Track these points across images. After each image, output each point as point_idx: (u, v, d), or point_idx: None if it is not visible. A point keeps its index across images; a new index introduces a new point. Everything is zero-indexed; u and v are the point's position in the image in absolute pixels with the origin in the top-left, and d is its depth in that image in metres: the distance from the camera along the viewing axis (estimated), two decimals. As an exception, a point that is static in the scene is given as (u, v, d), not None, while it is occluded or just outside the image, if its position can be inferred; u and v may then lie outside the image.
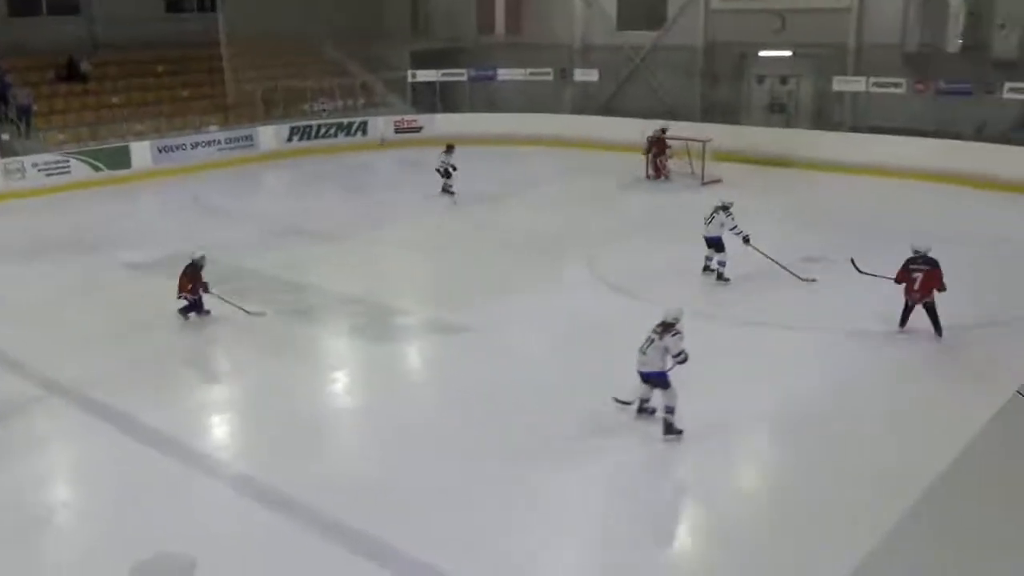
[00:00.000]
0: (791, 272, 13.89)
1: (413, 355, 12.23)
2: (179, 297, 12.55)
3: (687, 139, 22.03)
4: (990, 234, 15.74)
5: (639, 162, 22.43)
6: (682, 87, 27.41)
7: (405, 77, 29.66)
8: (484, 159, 25.63)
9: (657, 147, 22.15)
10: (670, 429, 9.04)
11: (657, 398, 9.29)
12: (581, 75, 28.82)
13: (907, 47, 23.29)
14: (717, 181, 21.64)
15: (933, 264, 11.19)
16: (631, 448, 9.05)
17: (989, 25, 22.30)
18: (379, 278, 15.02)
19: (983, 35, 22.40)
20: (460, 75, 29.65)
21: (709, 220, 14.19)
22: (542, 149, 26.46)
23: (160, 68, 26.70)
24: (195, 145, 24.83)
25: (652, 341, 9.12)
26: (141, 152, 23.70)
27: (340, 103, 28.45)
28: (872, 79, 23.28)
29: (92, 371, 11.00)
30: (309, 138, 27.23)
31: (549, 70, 28.81)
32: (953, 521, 3.29)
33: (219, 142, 25.36)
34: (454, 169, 20.32)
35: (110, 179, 22.68)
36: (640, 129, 23.31)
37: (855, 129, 24.06)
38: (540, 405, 9.85)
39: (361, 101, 29.02)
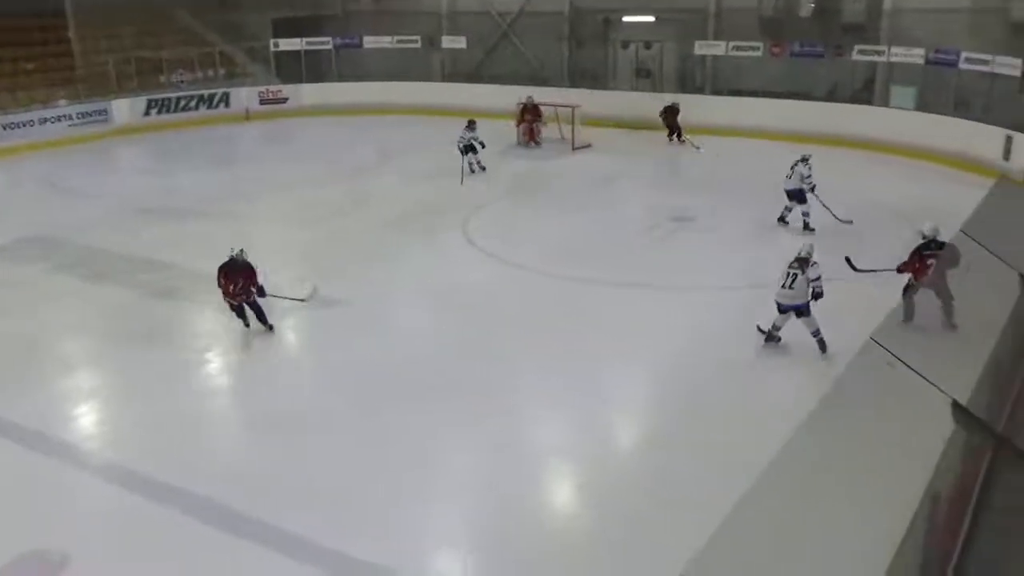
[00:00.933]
0: (835, 215, 14.67)
1: (288, 332, 11.98)
2: (225, 300, 11.06)
3: (559, 105, 22.23)
4: (843, 188, 16.46)
5: (510, 129, 22.51)
6: (550, 53, 27.59)
7: (267, 46, 28.78)
8: (354, 129, 25.27)
9: (531, 114, 22.28)
10: (824, 347, 9.92)
11: (800, 327, 10.04)
12: (449, 42, 28.62)
13: (763, 11, 24.05)
14: (587, 146, 21.97)
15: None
16: (514, 410, 9.16)
17: (839, -10, 23.30)
18: (249, 254, 14.59)
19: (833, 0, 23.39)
20: (325, 43, 28.97)
21: (790, 174, 14.56)
22: (412, 118, 26.24)
23: (-2, 39, 25.05)
24: (43, 121, 23.46)
25: (795, 276, 9.83)
26: (-17, 129, 22.25)
27: (199, 74, 27.37)
28: (731, 43, 24.01)
29: (-59, 365, 10.34)
30: (168, 111, 26.12)
31: (416, 37, 28.48)
32: (819, 455, 3.50)
33: (70, 117, 24.04)
34: (482, 146, 19.27)
35: (-51, 159, 21.26)
36: (510, 96, 23.40)
37: (716, 92, 24.79)
38: (420, 376, 9.84)
39: (222, 71, 28.00)
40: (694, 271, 13.13)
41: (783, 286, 9.94)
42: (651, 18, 26.21)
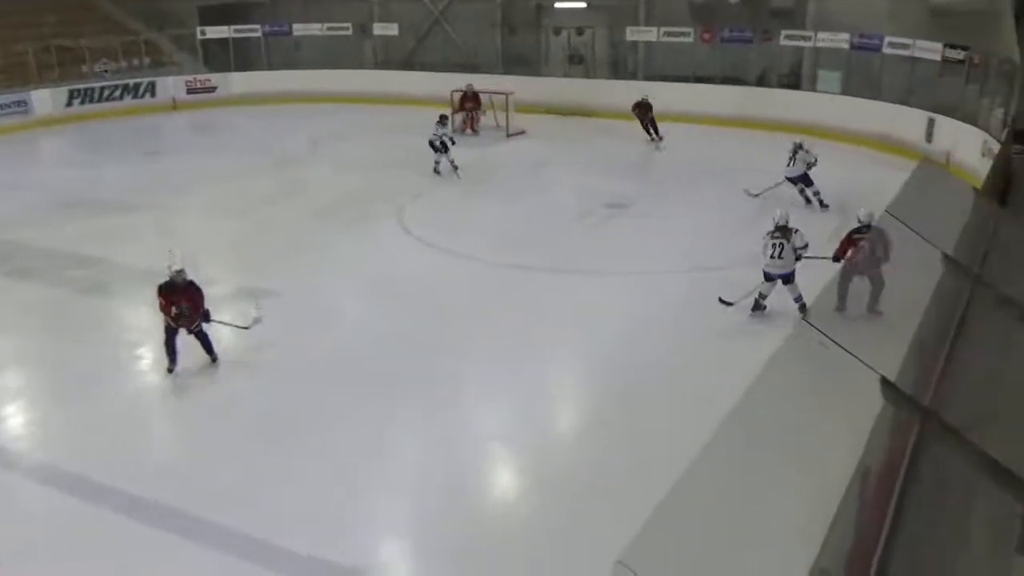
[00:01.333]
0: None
1: (221, 326, 11.75)
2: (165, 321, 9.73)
3: (492, 92, 22.20)
4: (774, 171, 16.76)
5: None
6: (483, 40, 27.51)
7: (194, 34, 28.14)
8: (285, 118, 24.89)
9: (471, 102, 22.20)
10: (805, 310, 9.96)
11: (785, 293, 10.45)
12: (381, 29, 28.33)
13: (693, -3, 24.32)
14: (521, 133, 21.99)
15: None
16: (455, 400, 9.15)
17: (765, -25, 23.65)
18: (181, 247, 14.28)
19: (761, -15, 23.73)
20: (254, 31, 28.43)
21: (791, 161, 14.92)
22: (345, 106, 25.95)
23: (-91, 28, 24.06)
24: (-40, 113, 22.66)
25: (782, 246, 10.16)
26: None
27: (124, 63, 26.63)
28: (663, 29, 24.20)
29: None
30: (92, 101, 25.41)
31: (348, 24, 28.14)
32: (753, 436, 3.58)
33: (-13, 109, 23.24)
34: (452, 143, 18.09)
35: None
36: (443, 83, 23.29)
37: (649, 78, 24.97)
38: (358, 367, 9.78)
39: (147, 60, 27.28)
40: (632, 257, 13.24)
41: (772, 256, 10.30)
42: (583, 4, 26.29)
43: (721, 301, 10.86)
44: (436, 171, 17.97)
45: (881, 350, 4.56)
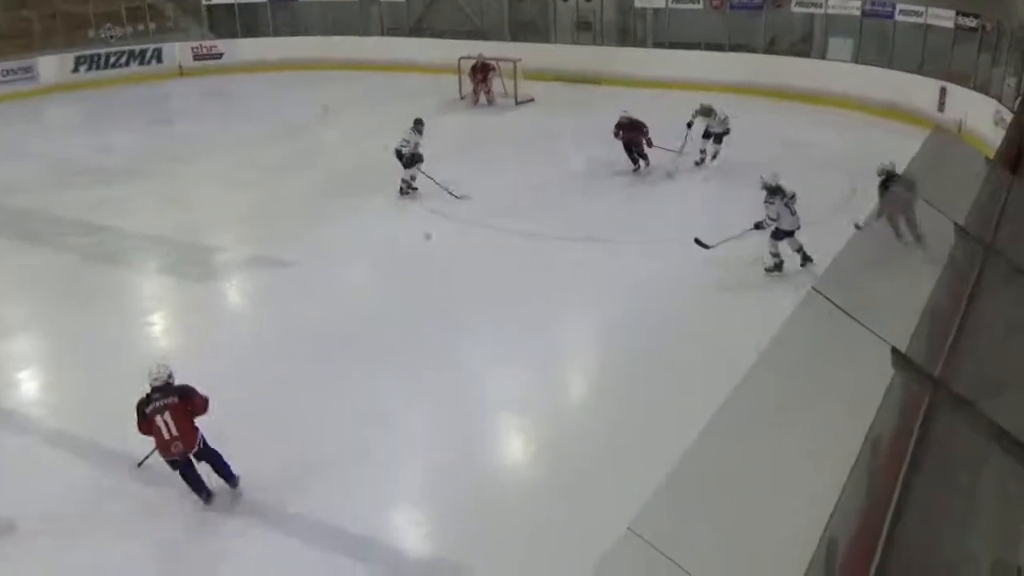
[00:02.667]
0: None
1: (233, 293, 11.82)
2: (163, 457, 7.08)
3: (500, 59, 22.04)
4: (784, 139, 16.65)
5: (452, 84, 22.24)
6: (490, 6, 27.24)
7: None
8: (292, 85, 24.74)
9: (482, 72, 22.01)
10: (810, 258, 10.81)
11: (785, 247, 10.95)
12: (386, -5, 28.07)
13: (703, -37, 23.98)
14: (530, 100, 21.87)
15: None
16: (467, 366, 9.20)
17: (777, -59, 23.29)
18: (189, 215, 14.34)
19: (772, -49, 23.38)
20: (260, -4, 28.19)
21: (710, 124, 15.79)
22: (352, 73, 25.74)
23: (-87, -6, 23.93)
24: (-35, 79, 22.58)
25: (789, 203, 10.65)
26: (-98, 88, 21.32)
27: (129, 29, 26.46)
28: (672, -5, 23.91)
29: None
30: (98, 68, 25.27)
31: (354, -10, 27.90)
32: (763, 405, 3.59)
33: (-6, 75, 23.15)
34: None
35: None
36: (450, 50, 23.12)
37: (658, 45, 24.72)
38: (372, 336, 9.80)
39: (152, 26, 27.11)
40: (641, 224, 13.21)
41: (793, 214, 10.70)
42: (591, -30, 25.96)
43: (697, 242, 11.09)
44: (410, 188, 14.80)
45: (892, 319, 4.55)
